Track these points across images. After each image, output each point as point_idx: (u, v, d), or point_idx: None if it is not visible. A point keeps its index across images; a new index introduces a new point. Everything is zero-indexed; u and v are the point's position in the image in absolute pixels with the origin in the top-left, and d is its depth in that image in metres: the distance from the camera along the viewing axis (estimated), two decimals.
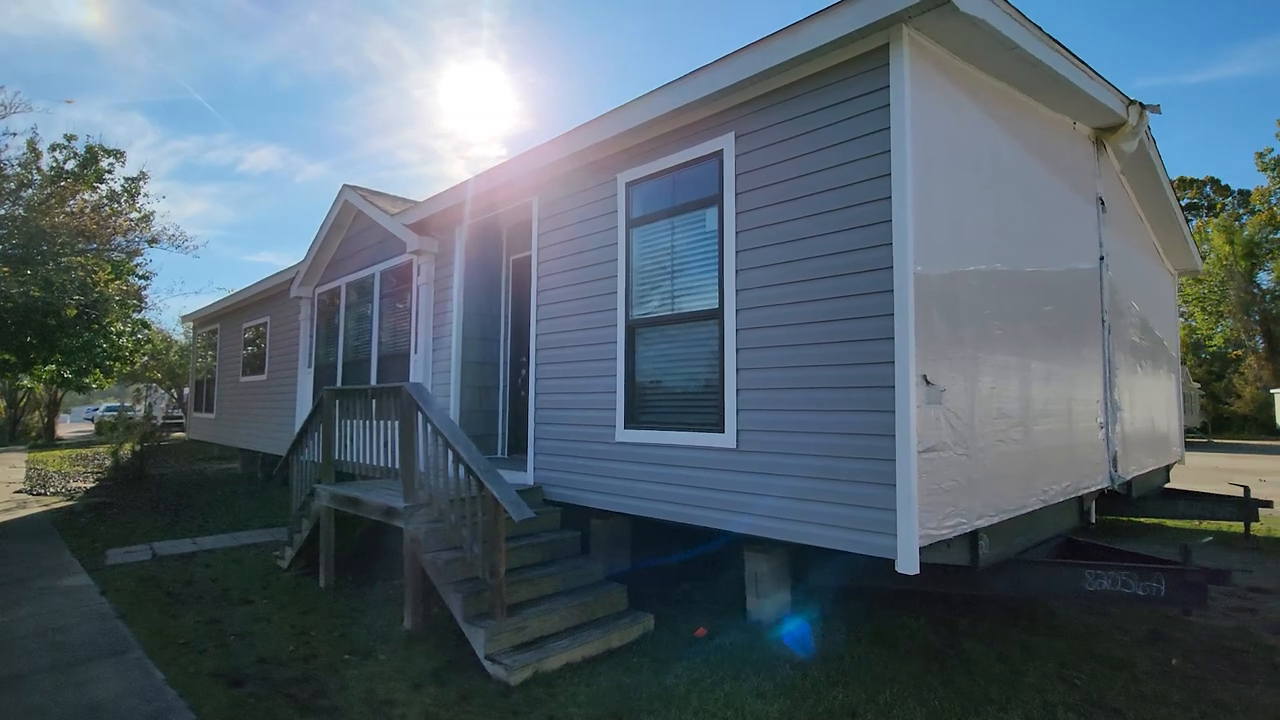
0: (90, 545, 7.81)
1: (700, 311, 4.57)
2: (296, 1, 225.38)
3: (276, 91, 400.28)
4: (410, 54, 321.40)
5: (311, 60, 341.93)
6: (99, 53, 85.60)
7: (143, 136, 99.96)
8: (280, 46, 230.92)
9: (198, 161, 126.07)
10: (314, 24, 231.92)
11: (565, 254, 5.63)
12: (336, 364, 9.02)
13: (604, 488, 5.14)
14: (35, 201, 12.89)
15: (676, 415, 4.70)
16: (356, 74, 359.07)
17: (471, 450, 4.36)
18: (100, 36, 63.86)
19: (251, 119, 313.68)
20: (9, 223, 12.46)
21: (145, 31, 76.70)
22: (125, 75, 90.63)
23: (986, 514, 4.17)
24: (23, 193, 13.66)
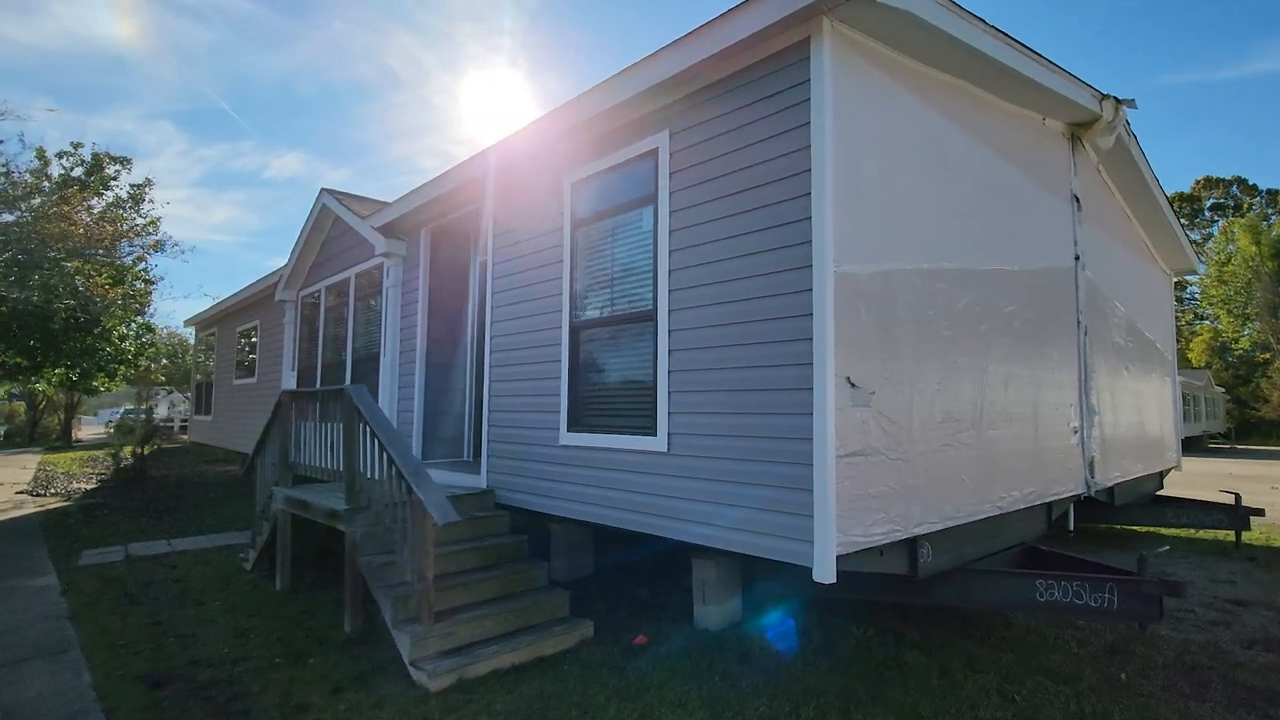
0: (69, 546, 7.90)
1: (636, 313, 4.49)
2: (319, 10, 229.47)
3: (299, 99, 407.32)
4: (431, 61, 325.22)
5: (333, 67, 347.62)
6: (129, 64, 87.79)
7: (171, 144, 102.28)
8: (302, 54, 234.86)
9: (224, 168, 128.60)
10: (336, 32, 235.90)
11: (516, 255, 5.59)
12: (316, 367, 9.07)
13: (551, 491, 5.07)
14: (45, 208, 13.13)
15: (615, 419, 4.62)
16: (378, 81, 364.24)
17: (405, 453, 4.32)
18: (130, 48, 65.52)
19: (276, 126, 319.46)
20: (15, 229, 12.72)
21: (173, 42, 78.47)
22: (154, 85, 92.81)
23: (928, 521, 4.03)
24: (33, 199, 13.98)
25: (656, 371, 4.27)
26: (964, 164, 4.66)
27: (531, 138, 5.14)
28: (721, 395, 3.93)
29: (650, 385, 4.33)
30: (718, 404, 3.94)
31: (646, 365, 4.39)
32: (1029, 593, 4.22)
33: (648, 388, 4.36)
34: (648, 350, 4.38)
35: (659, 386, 4.25)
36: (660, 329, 4.26)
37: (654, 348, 4.31)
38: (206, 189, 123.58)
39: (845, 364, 3.48)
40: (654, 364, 4.30)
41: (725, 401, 3.90)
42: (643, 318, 4.43)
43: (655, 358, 4.29)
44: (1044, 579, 4.20)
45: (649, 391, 4.35)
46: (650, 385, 4.33)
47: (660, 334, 4.26)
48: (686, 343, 4.13)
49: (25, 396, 28.69)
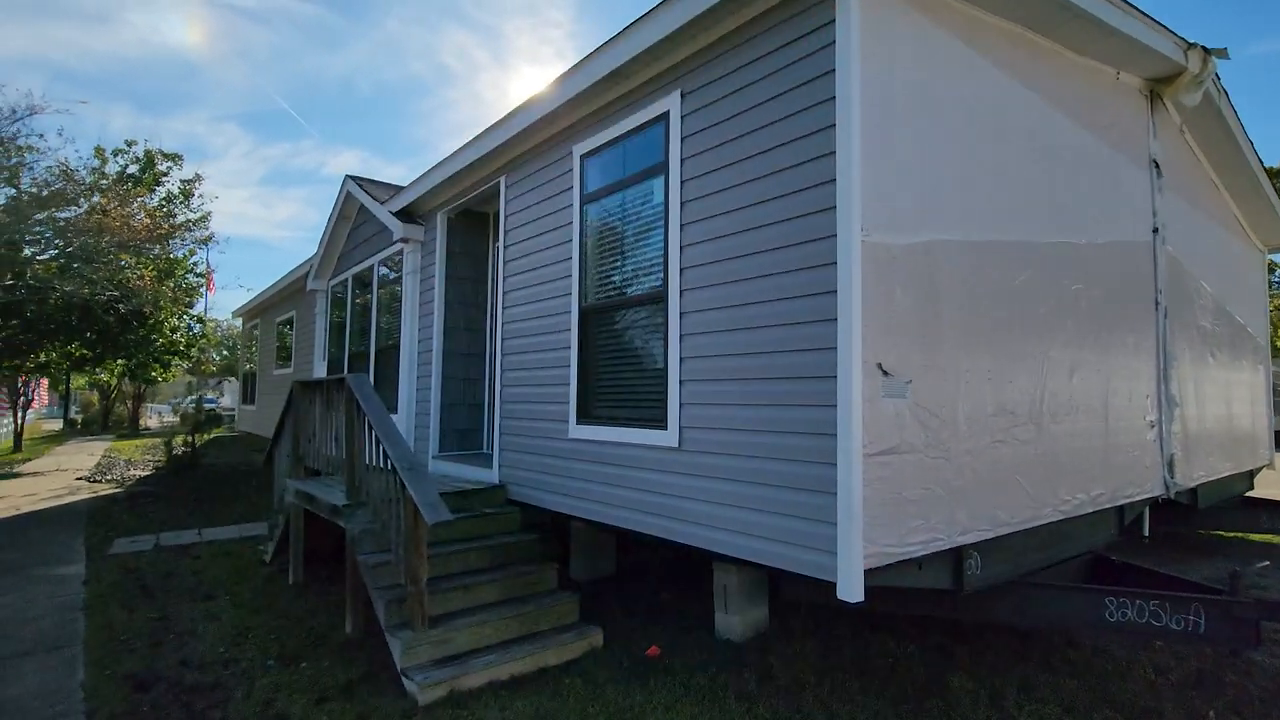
0: (105, 534, 8.03)
1: (647, 294, 4.08)
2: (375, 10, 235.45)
3: (358, 98, 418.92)
4: (483, 56, 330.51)
5: (389, 66, 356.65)
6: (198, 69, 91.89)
7: (236, 145, 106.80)
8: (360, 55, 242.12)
9: (286, 167, 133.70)
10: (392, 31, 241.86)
11: (528, 236, 5.25)
12: (343, 356, 8.99)
13: (561, 487, 4.74)
14: (102, 205, 13.49)
15: (625, 410, 4.24)
16: (431, 78, 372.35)
17: (399, 446, 4.04)
18: (199, 54, 68.56)
19: (334, 125, 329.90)
20: (72, 224, 13.11)
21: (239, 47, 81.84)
22: (221, 89, 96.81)
23: (976, 528, 3.52)
24: (93, 196, 14.46)
25: (667, 359, 3.87)
26: (1021, 122, 4.07)
27: (541, 108, 4.78)
28: (736, 385, 3.50)
29: (661, 374, 3.93)
30: (732, 395, 3.51)
31: (657, 352, 3.99)
32: (1097, 611, 3.66)
33: (658, 377, 3.97)
34: (658, 335, 3.98)
35: (670, 376, 3.84)
36: (671, 311, 3.85)
37: (664, 332, 3.91)
38: (270, 187, 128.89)
39: (875, 349, 3.00)
40: (665, 350, 3.90)
41: (741, 392, 3.47)
42: (653, 299, 4.03)
43: (666, 344, 3.89)
44: (1115, 596, 3.64)
45: (659, 381, 3.95)
46: (661, 374, 3.93)
47: (671, 317, 3.85)
48: (699, 326, 3.71)
49: (98, 387, 30.17)
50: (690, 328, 3.76)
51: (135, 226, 11.91)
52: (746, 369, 3.45)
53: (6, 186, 12.58)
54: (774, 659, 3.95)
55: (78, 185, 14.10)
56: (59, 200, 12.60)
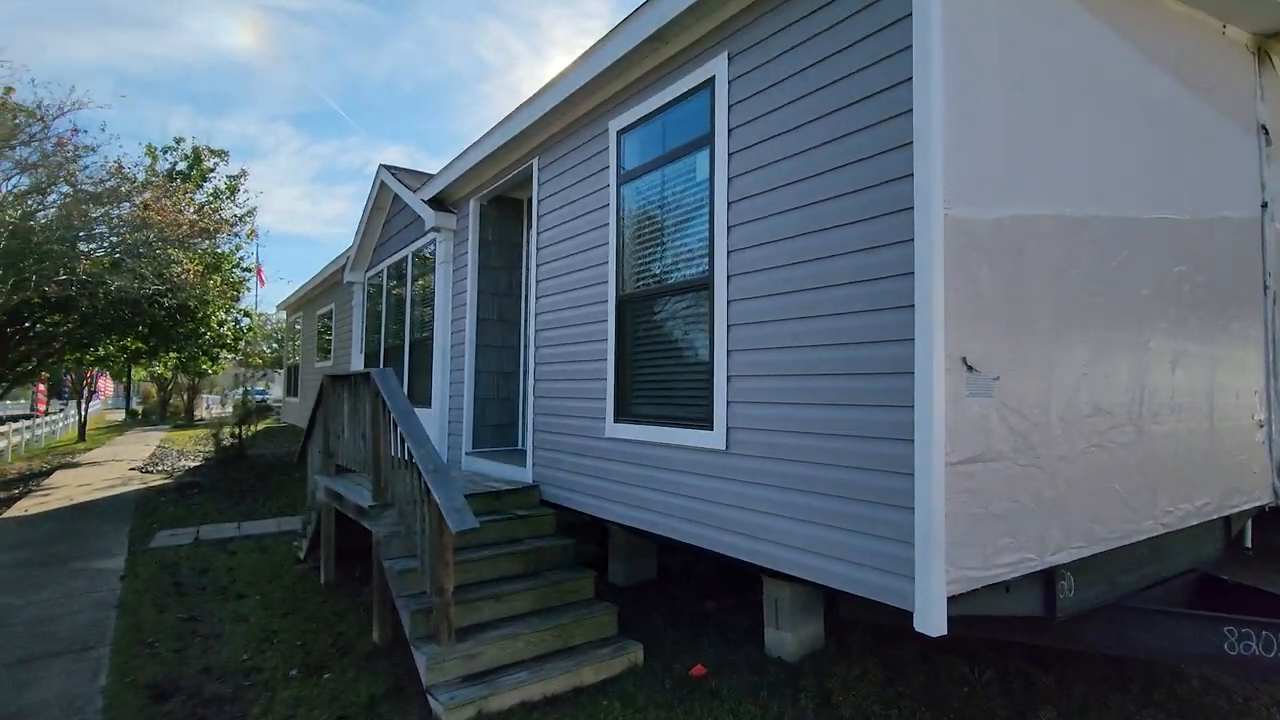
0: (149, 526, 8.09)
1: (689, 281, 3.71)
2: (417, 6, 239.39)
3: (400, 94, 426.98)
4: (520, 48, 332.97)
5: (430, 63, 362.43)
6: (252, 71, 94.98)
7: (288, 144, 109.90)
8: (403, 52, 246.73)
9: (334, 164, 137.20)
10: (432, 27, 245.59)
11: (562, 221, 4.92)
12: (380, 349, 8.86)
13: (597, 490, 4.42)
14: (145, 200, 13.71)
15: (667, 409, 3.89)
16: (470, 72, 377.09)
17: (424, 445, 3.78)
18: (252, 56, 70.68)
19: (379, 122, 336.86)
20: (124, 220, 13.35)
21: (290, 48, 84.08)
22: (273, 90, 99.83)
23: (1070, 545, 3.06)
24: (144, 193, 14.76)
25: (713, 352, 3.50)
26: (1118, 78, 3.55)
27: (574, 81, 4.43)
28: (793, 381, 3.11)
29: (706, 369, 3.57)
30: (788, 392, 3.12)
31: (702, 344, 3.62)
32: (1214, 643, 3.17)
33: (703, 372, 3.60)
34: (703, 326, 3.61)
35: (716, 371, 3.47)
36: (717, 299, 3.48)
37: (710, 323, 3.53)
38: (320, 184, 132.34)
39: (959, 340, 2.58)
40: (710, 343, 3.53)
41: (798, 390, 3.08)
42: (697, 286, 3.66)
43: (712, 335, 3.51)
44: (1237, 625, 3.14)
45: (704, 377, 3.58)
46: (706, 369, 3.57)
47: (717, 306, 3.47)
48: (749, 315, 3.32)
49: (156, 380, 31.27)
50: (739, 317, 3.38)
51: (180, 221, 12.03)
52: (803, 363, 3.06)
53: (64, 185, 12.87)
54: (832, 683, 3.57)
55: (130, 182, 14.38)
56: (113, 198, 12.85)
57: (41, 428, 21.67)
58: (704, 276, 3.59)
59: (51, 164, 12.27)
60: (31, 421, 20.78)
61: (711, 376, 3.50)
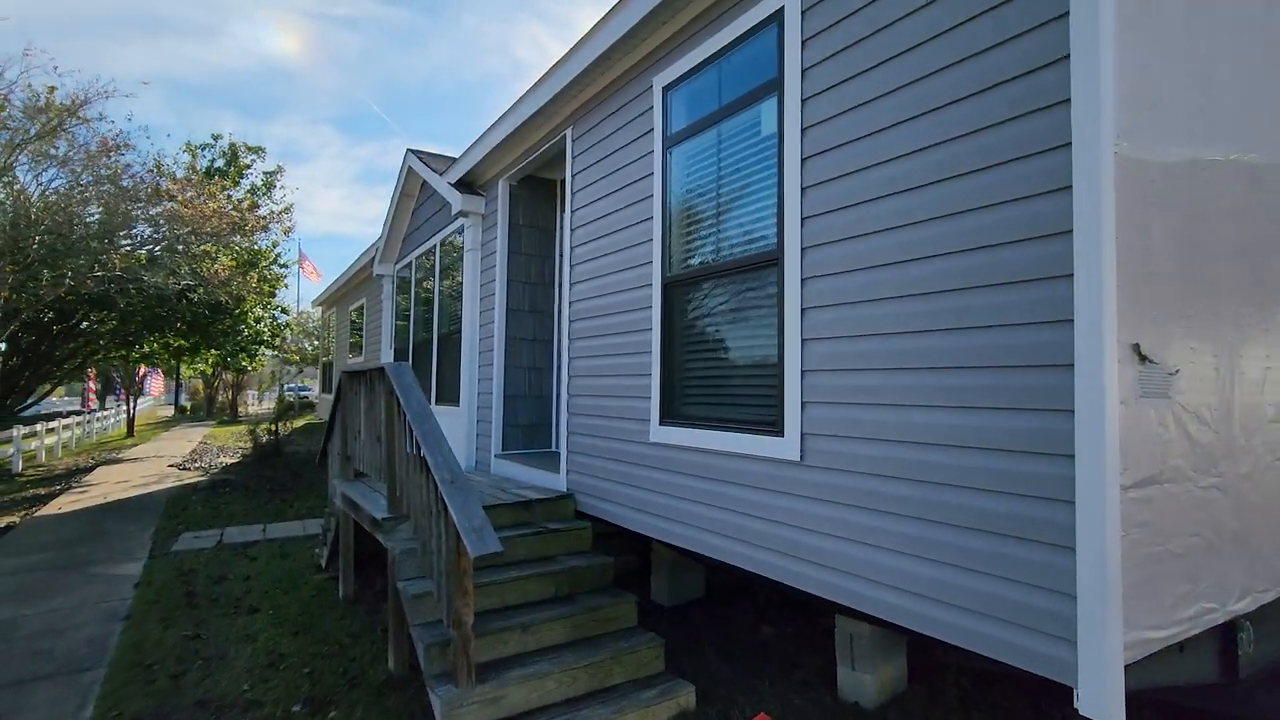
0: (174, 527, 7.84)
1: (752, 257, 3.10)
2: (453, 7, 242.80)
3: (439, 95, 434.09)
4: (555, 47, 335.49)
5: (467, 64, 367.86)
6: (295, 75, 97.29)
7: (330, 146, 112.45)
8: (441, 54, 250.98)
9: (375, 166, 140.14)
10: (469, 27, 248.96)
11: (599, 196, 4.35)
12: (409, 344, 8.45)
13: (639, 503, 3.84)
14: (171, 190, 13.59)
15: (724, 410, 3.28)
16: (507, 71, 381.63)
17: (440, 452, 3.25)
18: (296, 61, 72.34)
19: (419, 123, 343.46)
20: (164, 217, 13.30)
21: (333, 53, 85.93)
22: (316, 94, 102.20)
23: (1255, 588, 2.37)
24: (186, 192, 14.77)
25: (783, 341, 2.88)
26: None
27: (614, 32, 3.85)
28: (892, 376, 2.48)
29: (773, 363, 2.95)
30: (884, 390, 2.49)
31: (767, 332, 3.01)
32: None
33: (769, 367, 2.98)
34: (768, 310, 3.00)
35: (786, 365, 2.86)
36: (788, 277, 2.86)
37: (778, 306, 2.92)
38: (361, 185, 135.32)
39: (1131, 322, 1.92)
40: (779, 329, 2.91)
41: (899, 387, 2.45)
42: (761, 263, 3.04)
43: (781, 320, 2.90)
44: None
45: (771, 372, 2.97)
46: (773, 363, 2.95)
47: (788, 284, 2.85)
48: (828, 296, 2.70)
49: (203, 376, 31.90)
50: (815, 298, 2.75)
51: (206, 212, 11.86)
52: (909, 354, 2.42)
53: (107, 184, 12.86)
54: None
55: (171, 180, 14.35)
56: (154, 195, 12.79)
57: (93, 423, 22.16)
58: (769, 251, 2.97)
59: (96, 166, 12.26)
60: (83, 418, 21.19)
61: (781, 372, 2.88)
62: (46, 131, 11.69)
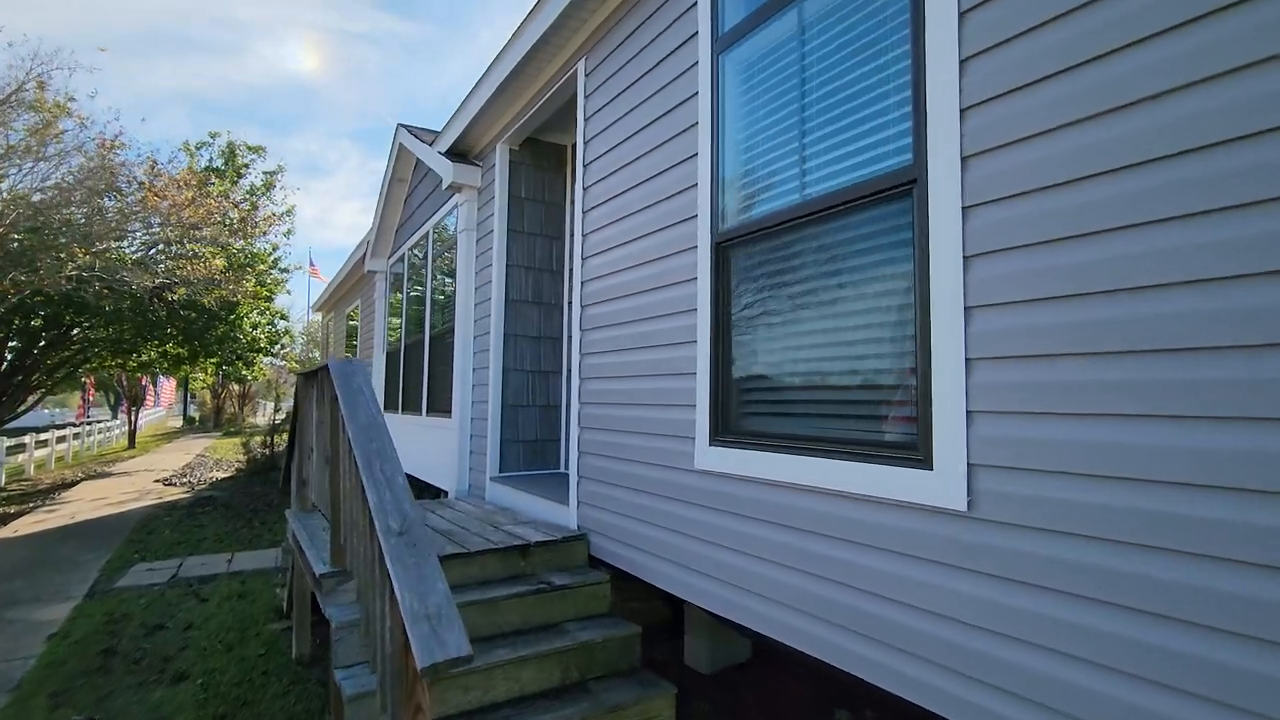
0: (132, 555, 6.86)
1: (868, 184, 1.99)
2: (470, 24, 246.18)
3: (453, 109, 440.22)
4: None
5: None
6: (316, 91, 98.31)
7: (349, 159, 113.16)
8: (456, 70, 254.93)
9: None
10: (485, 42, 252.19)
11: (621, 138, 3.29)
12: (400, 347, 7.44)
13: (677, 552, 2.74)
14: (186, 200, 12.77)
15: (819, 424, 2.17)
16: None
17: (385, 484, 2.18)
18: (317, 77, 72.89)
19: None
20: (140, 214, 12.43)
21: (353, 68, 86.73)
22: (336, 109, 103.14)
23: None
24: (179, 192, 13.97)
25: (928, 311, 1.78)
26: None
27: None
28: (1142, 363, 1.37)
29: (908, 348, 1.85)
30: (1129, 390, 1.38)
31: (896, 298, 1.91)
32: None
33: (901, 355, 1.88)
34: (898, 263, 1.90)
35: (936, 349, 1.75)
36: (936, 207, 1.76)
37: (917, 254, 1.82)
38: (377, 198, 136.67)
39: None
40: (919, 293, 1.81)
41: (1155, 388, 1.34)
42: (882, 191, 1.94)
43: (923, 282, 1.80)
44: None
45: (905, 363, 1.86)
46: (908, 348, 1.85)
47: (936, 218, 1.76)
48: (1016, 232, 1.60)
49: (210, 386, 31.26)
50: (987, 239, 1.65)
51: (179, 201, 10.96)
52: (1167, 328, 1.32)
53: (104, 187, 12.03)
54: None
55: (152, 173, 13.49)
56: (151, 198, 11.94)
57: (94, 435, 21.46)
58: (903, 167, 1.88)
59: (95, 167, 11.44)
60: (82, 429, 20.47)
61: (925, 363, 1.78)
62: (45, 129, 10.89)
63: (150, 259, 10.63)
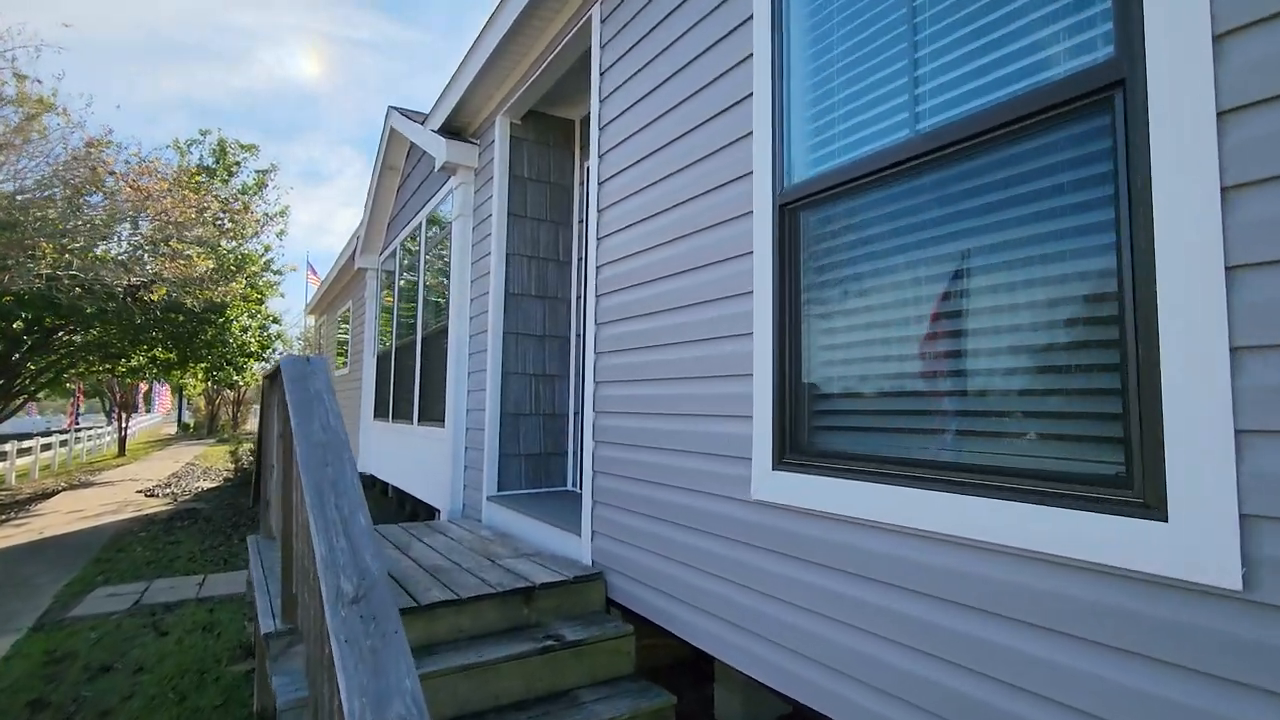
0: (95, 578, 6.25)
1: (1032, 98, 1.39)
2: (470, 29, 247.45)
3: None
4: None
5: None
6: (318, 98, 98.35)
7: (351, 165, 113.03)
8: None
9: None
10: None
11: (648, 88, 2.70)
12: (392, 349, 6.84)
13: (725, 608, 2.13)
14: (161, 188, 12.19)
15: (935, 443, 1.57)
16: None
17: (340, 534, 1.58)
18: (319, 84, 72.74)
19: None
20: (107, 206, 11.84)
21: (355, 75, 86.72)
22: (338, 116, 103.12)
23: None
24: (176, 193, 13.42)
25: (1153, 274, 1.17)
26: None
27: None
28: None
29: (1103, 335, 1.25)
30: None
31: (1084, 265, 1.30)
32: None
33: (1089, 345, 1.28)
34: (1089, 208, 1.30)
35: (1165, 335, 1.15)
36: (1162, 122, 1.16)
37: (1127, 189, 1.22)
38: None
39: None
40: (1131, 249, 1.21)
41: None
42: (1067, 105, 1.34)
43: (1142, 224, 1.19)
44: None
45: (1096, 356, 1.26)
46: (1103, 335, 1.25)
47: (1165, 136, 1.16)
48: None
49: (205, 393, 30.68)
50: (1266, 158, 1.05)
51: (149, 190, 10.38)
52: None
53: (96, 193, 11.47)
54: None
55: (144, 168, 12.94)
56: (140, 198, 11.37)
57: (83, 442, 20.86)
58: (1098, 68, 1.28)
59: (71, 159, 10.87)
60: (70, 436, 19.87)
61: (1145, 353, 1.18)
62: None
63: (134, 259, 10.04)
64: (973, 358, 1.51)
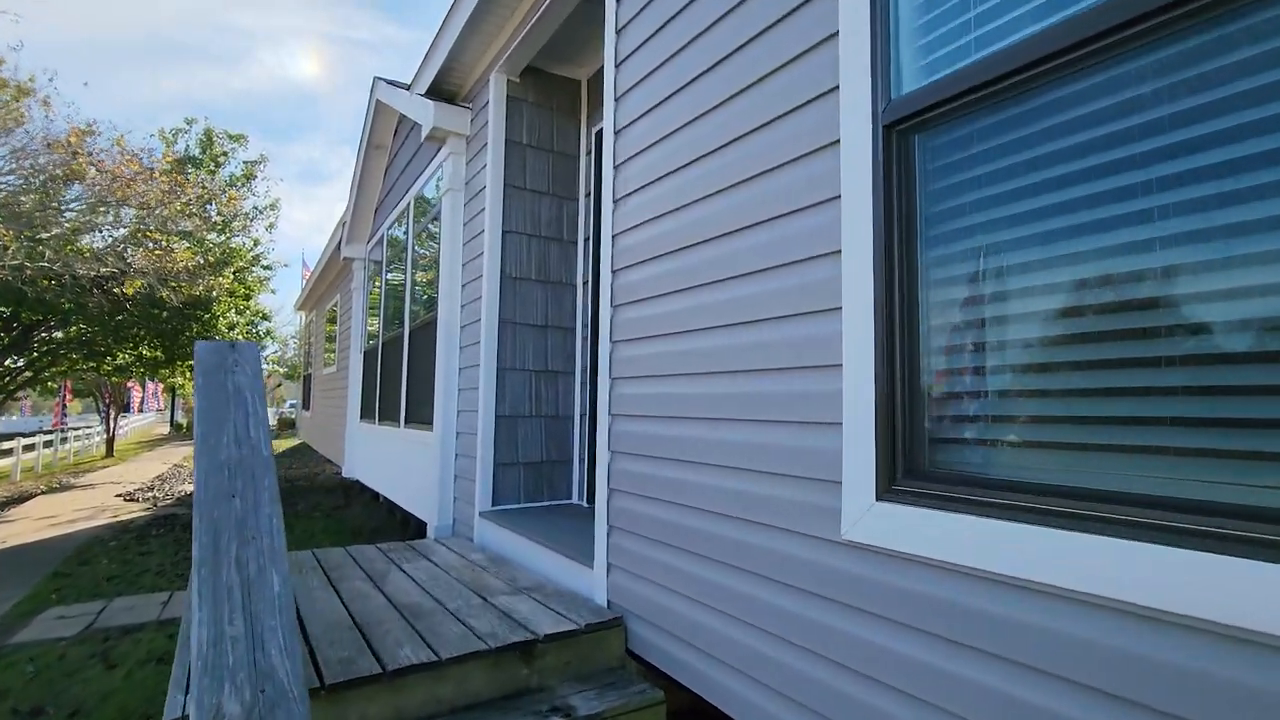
0: (49, 596, 5.68)
1: None
2: None
3: None
4: None
5: None
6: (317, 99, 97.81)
7: (350, 165, 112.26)
8: None
9: None
10: None
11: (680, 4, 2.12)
12: (379, 344, 6.27)
13: (797, 687, 1.55)
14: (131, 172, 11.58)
15: (1181, 469, 1.00)
16: None
17: (237, 606, 1.00)
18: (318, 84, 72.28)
19: None
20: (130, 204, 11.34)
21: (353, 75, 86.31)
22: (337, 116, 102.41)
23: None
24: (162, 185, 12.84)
25: None
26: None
27: None
28: None
29: None
30: None
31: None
32: None
33: None
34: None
35: None
36: None
37: None
38: None
39: None
40: None
41: None
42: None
43: None
44: None
45: None
46: None
47: None
48: None
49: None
50: None
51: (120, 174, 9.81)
52: None
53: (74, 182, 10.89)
54: None
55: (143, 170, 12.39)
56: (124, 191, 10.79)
57: (70, 443, 20.27)
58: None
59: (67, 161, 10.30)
60: (55, 437, 19.28)
61: None
62: None
63: (111, 249, 9.46)
64: (1238, 333, 0.95)
